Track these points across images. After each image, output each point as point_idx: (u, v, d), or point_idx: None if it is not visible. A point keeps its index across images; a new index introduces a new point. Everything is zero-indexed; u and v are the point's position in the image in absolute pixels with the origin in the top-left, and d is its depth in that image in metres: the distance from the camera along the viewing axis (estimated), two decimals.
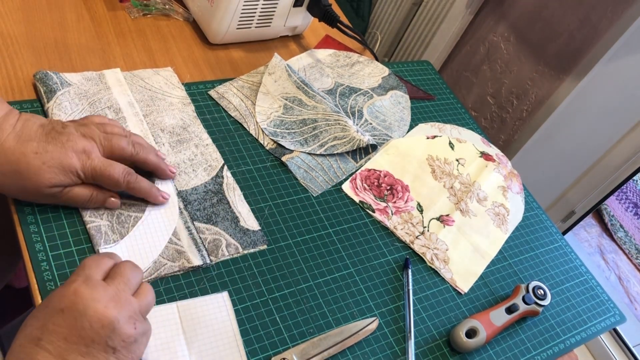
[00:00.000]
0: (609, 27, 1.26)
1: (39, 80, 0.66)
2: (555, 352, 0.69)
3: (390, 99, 0.88)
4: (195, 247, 0.60)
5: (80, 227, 0.57)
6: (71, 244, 0.56)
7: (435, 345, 0.64)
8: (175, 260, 0.58)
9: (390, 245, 0.70)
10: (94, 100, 0.67)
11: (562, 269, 0.79)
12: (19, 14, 0.74)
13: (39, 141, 0.53)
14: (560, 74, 1.38)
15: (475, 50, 1.59)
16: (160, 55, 0.79)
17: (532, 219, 0.84)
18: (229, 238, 0.62)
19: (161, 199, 0.61)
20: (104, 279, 0.46)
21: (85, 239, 0.57)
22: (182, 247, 0.59)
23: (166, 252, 0.58)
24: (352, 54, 0.93)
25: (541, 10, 1.39)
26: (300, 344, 0.57)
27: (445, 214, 0.76)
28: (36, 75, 0.66)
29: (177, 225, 0.61)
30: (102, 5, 0.82)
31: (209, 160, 0.68)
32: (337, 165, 0.75)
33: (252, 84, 0.80)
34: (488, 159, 0.86)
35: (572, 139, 1.45)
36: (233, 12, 0.79)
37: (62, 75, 0.68)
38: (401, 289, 0.67)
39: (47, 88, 0.65)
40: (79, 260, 0.55)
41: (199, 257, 0.59)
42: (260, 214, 0.66)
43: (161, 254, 0.58)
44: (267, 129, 0.75)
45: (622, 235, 2.31)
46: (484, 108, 1.59)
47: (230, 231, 0.63)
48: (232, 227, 0.63)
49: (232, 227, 0.63)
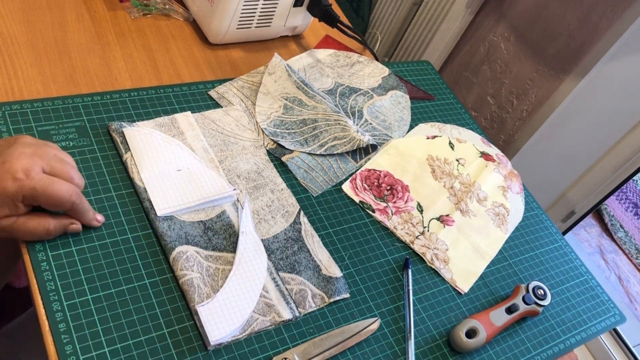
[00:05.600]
0: (609, 27, 1.26)
1: (115, 131, 0.65)
2: (555, 352, 0.69)
3: (390, 99, 0.88)
4: (283, 300, 0.59)
5: None
6: (71, 244, 0.56)
7: (435, 345, 0.64)
8: (266, 314, 0.57)
9: (390, 245, 0.70)
10: None
11: (562, 269, 0.79)
12: (19, 14, 0.74)
13: None
14: (560, 74, 1.38)
15: (475, 50, 1.59)
16: (160, 55, 0.79)
17: (532, 219, 0.84)
18: (314, 288, 0.61)
19: (96, 222, 0.57)
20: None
21: (85, 239, 0.57)
22: (270, 299, 0.58)
23: (257, 306, 0.57)
24: (352, 54, 0.93)
25: (541, 10, 1.39)
26: (302, 344, 0.57)
27: (445, 214, 0.76)
28: (111, 126, 0.65)
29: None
30: (102, 5, 0.82)
31: (286, 205, 0.68)
32: (337, 165, 0.75)
33: (252, 84, 0.80)
34: (488, 159, 0.86)
35: (572, 139, 1.45)
36: (233, 12, 0.79)
37: (134, 125, 0.67)
38: (401, 289, 0.67)
39: (123, 138, 0.65)
40: (79, 260, 0.55)
41: (289, 311, 0.58)
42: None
43: (254, 308, 0.57)
44: (267, 129, 0.75)
45: (622, 235, 2.31)
46: (484, 108, 1.59)
47: (313, 280, 0.62)
48: (315, 277, 0.62)
49: (315, 276, 0.62)
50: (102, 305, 0.53)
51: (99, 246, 0.57)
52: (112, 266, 0.56)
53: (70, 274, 0.54)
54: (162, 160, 0.65)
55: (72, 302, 0.52)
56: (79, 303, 0.52)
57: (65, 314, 0.51)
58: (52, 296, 0.52)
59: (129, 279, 0.56)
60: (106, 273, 0.55)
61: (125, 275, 0.56)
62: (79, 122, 0.66)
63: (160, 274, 0.57)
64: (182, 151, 0.67)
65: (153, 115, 0.70)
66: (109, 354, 0.50)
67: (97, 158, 0.63)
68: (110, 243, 0.58)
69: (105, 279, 0.55)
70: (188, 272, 0.57)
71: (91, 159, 0.63)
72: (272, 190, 0.69)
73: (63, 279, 0.53)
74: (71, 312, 0.52)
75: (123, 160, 0.64)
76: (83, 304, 0.53)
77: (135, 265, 0.57)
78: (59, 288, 0.53)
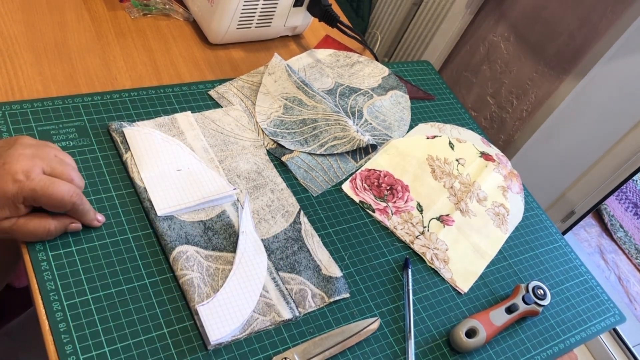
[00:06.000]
0: (609, 27, 1.26)
1: (115, 131, 0.65)
2: (555, 352, 0.69)
3: (390, 99, 0.88)
4: (283, 299, 0.59)
5: None
6: (71, 244, 0.56)
7: (435, 345, 0.64)
8: (266, 314, 0.57)
9: (390, 245, 0.70)
10: None
11: (562, 269, 0.79)
12: (19, 14, 0.74)
13: None
14: (560, 74, 1.38)
15: (475, 50, 1.59)
16: (160, 55, 0.79)
17: (532, 219, 0.84)
18: (314, 288, 0.62)
19: (96, 222, 0.57)
20: None
21: (85, 239, 0.57)
22: (270, 299, 0.58)
23: (257, 306, 0.57)
24: (352, 54, 0.93)
25: (541, 10, 1.39)
26: (302, 344, 0.57)
27: (445, 214, 0.76)
28: (111, 126, 0.66)
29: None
30: (102, 5, 0.82)
31: (286, 205, 0.68)
32: (337, 165, 0.75)
33: (252, 84, 0.80)
34: (488, 159, 0.86)
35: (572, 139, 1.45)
36: (233, 12, 0.79)
37: (134, 124, 0.67)
38: (401, 289, 0.67)
39: (123, 138, 0.65)
40: (79, 260, 0.55)
41: (289, 311, 0.59)
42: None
43: (254, 308, 0.57)
44: (267, 129, 0.75)
45: (622, 235, 2.31)
46: (484, 108, 1.59)
47: (313, 280, 0.62)
48: (315, 276, 0.63)
49: (315, 276, 0.63)
50: (102, 305, 0.53)
51: (99, 246, 0.57)
52: (112, 266, 0.56)
53: (70, 274, 0.54)
54: (162, 160, 0.65)
55: (72, 302, 0.52)
56: (79, 303, 0.52)
57: (65, 314, 0.51)
58: (52, 296, 0.52)
59: (129, 279, 0.56)
60: (106, 273, 0.55)
61: (125, 275, 0.56)
62: (79, 122, 0.66)
63: (160, 274, 0.57)
64: (182, 151, 0.67)
65: (153, 115, 0.70)
66: (109, 354, 0.51)
67: (97, 158, 0.63)
68: (110, 243, 0.58)
69: (105, 279, 0.55)
70: (188, 272, 0.57)
71: (91, 159, 0.63)
72: (272, 190, 0.69)
73: (63, 279, 0.53)
74: (71, 312, 0.52)
75: (123, 160, 0.64)
76: (83, 304, 0.53)
77: (135, 265, 0.57)
78: (59, 288, 0.53)
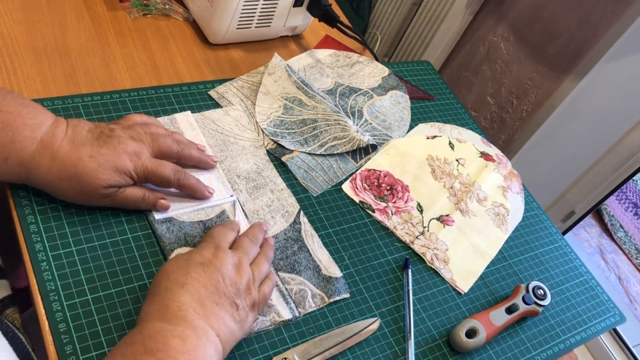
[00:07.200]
0: (609, 27, 1.26)
1: None
2: (555, 352, 0.69)
3: (390, 99, 0.88)
4: (283, 299, 0.59)
5: (80, 227, 0.57)
6: (71, 244, 0.56)
7: (435, 345, 0.64)
8: (266, 314, 0.57)
9: (390, 245, 0.71)
10: None
11: (562, 269, 0.79)
12: (19, 14, 0.74)
13: (92, 145, 0.55)
14: (560, 74, 1.38)
15: (475, 50, 1.59)
16: (160, 55, 0.79)
17: (532, 219, 0.84)
18: (314, 288, 0.62)
19: (207, 194, 0.63)
20: (229, 247, 0.56)
21: (85, 239, 0.57)
22: (270, 299, 0.58)
23: None
24: (352, 54, 0.93)
25: (541, 10, 1.39)
26: (302, 344, 0.57)
27: (445, 214, 0.76)
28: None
29: None
30: (102, 5, 0.82)
31: (286, 205, 0.68)
32: (337, 165, 0.75)
33: (252, 84, 0.80)
34: (488, 159, 0.86)
35: (572, 139, 1.45)
36: (233, 12, 0.79)
37: None
38: (401, 289, 0.67)
39: None
40: (79, 260, 0.55)
41: (289, 311, 0.59)
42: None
43: None
44: (267, 129, 0.75)
45: (622, 235, 2.31)
46: (484, 108, 1.59)
47: (313, 280, 0.62)
48: (315, 277, 0.63)
49: (314, 276, 0.63)
50: (102, 305, 0.53)
51: (99, 246, 0.57)
52: (112, 266, 0.56)
53: (70, 274, 0.54)
54: None
55: (72, 302, 0.52)
56: (79, 303, 0.52)
57: (65, 314, 0.51)
58: (52, 296, 0.52)
59: (129, 279, 0.56)
60: (106, 273, 0.55)
61: (125, 275, 0.56)
62: None
63: None
64: None
65: (153, 115, 0.70)
66: None
67: None
68: (110, 243, 0.58)
69: (105, 279, 0.55)
70: None
71: None
72: (272, 190, 0.69)
73: (63, 279, 0.53)
74: (71, 312, 0.52)
75: None
76: (83, 304, 0.53)
77: (135, 265, 0.57)
78: (59, 288, 0.53)
